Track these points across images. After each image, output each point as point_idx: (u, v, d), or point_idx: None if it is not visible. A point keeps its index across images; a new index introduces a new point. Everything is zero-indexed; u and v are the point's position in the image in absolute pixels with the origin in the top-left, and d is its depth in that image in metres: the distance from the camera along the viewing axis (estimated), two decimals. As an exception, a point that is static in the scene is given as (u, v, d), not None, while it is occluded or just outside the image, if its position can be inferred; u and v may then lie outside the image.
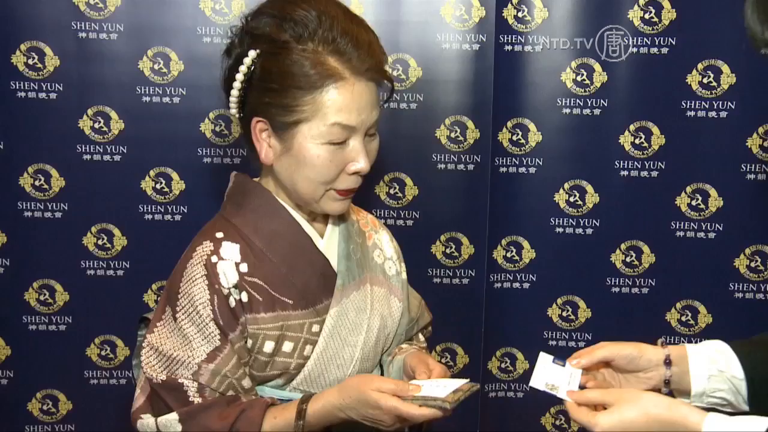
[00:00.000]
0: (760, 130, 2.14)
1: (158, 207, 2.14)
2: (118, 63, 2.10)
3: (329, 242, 1.61)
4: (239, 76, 1.46)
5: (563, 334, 2.29)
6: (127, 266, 2.17)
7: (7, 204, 2.10)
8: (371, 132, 1.50)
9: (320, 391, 1.54)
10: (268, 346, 1.49)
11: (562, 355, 1.73)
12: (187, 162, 2.15)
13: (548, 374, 1.38)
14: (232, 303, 1.45)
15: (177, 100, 2.12)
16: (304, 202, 1.53)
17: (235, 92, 1.47)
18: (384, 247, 1.73)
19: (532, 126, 2.20)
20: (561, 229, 2.25)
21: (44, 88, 2.08)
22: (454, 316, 2.18)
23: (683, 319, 2.24)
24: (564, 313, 2.29)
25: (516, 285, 2.29)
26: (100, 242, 2.13)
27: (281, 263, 1.52)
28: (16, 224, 2.12)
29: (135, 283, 2.18)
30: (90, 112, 2.09)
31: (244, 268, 1.47)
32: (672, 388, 1.43)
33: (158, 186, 2.13)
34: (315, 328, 1.54)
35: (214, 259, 1.46)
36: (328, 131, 1.43)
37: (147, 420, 1.45)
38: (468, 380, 1.40)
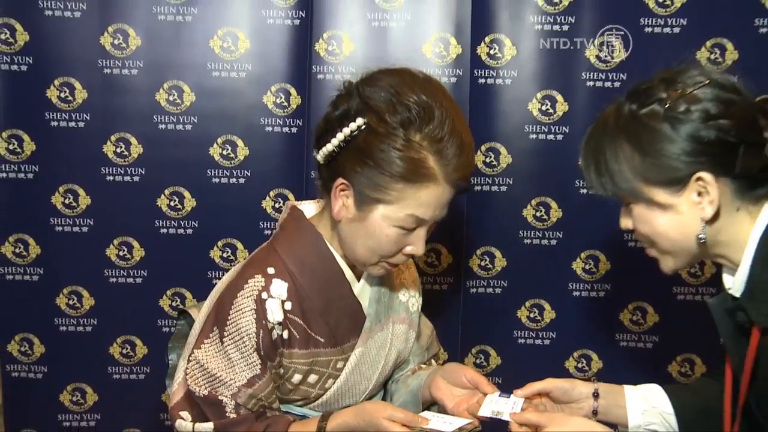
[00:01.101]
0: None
1: (172, 222, 2.30)
2: (137, 95, 2.25)
3: (363, 287, 1.64)
4: (340, 136, 1.45)
5: (531, 333, 2.40)
6: (145, 274, 2.32)
7: (42, 220, 2.26)
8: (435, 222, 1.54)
9: (335, 410, 1.60)
10: (296, 378, 1.57)
11: (528, 349, 2.08)
12: (197, 182, 2.29)
13: (494, 405, 1.50)
14: (274, 336, 1.51)
15: (189, 127, 2.26)
16: (355, 261, 1.57)
17: (330, 147, 1.47)
18: (410, 286, 1.78)
19: (503, 149, 2.31)
20: (529, 241, 2.35)
21: (74, 118, 2.23)
22: (435, 318, 2.20)
23: (634, 318, 2.35)
24: (531, 315, 2.39)
25: (489, 290, 2.39)
26: (121, 253, 2.29)
27: (319, 302, 1.56)
28: (49, 238, 2.27)
29: (152, 289, 2.32)
30: (113, 138, 2.25)
31: (288, 305, 1.53)
32: (600, 419, 1.57)
33: (172, 203, 2.28)
34: (340, 364, 1.61)
35: (264, 295, 1.51)
36: (404, 218, 1.46)
37: (186, 424, 1.51)
38: (471, 420, 1.49)
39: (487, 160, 2.31)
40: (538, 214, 2.35)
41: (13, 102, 2.23)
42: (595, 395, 1.57)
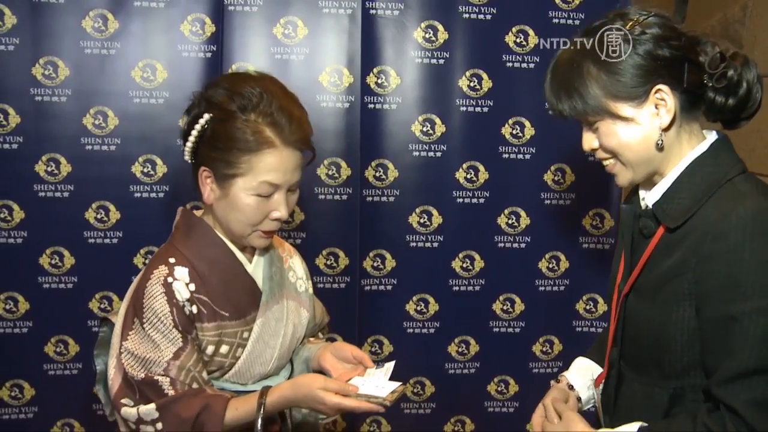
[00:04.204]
0: (553, 167, 2.62)
1: (99, 232, 2.47)
2: (66, 119, 2.43)
3: (256, 267, 1.82)
4: (194, 133, 1.68)
5: (418, 323, 2.66)
6: (75, 280, 2.49)
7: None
8: (293, 188, 1.72)
9: (246, 381, 1.78)
10: (210, 349, 1.72)
11: (416, 338, 2.32)
12: (121, 196, 2.48)
13: (370, 382, 1.70)
14: (187, 312, 1.67)
15: (113, 148, 2.46)
16: (235, 237, 1.75)
17: (189, 144, 1.70)
18: (296, 269, 1.96)
19: (390, 165, 2.58)
20: (414, 244, 2.61)
21: (8, 141, 2.41)
22: (335, 313, 2.39)
23: (504, 308, 2.67)
24: (418, 308, 2.66)
25: (381, 287, 2.64)
26: (53, 262, 2.46)
27: (219, 283, 1.72)
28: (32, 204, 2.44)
29: (82, 294, 2.50)
30: (44, 158, 2.43)
31: (192, 287, 1.69)
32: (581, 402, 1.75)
33: (99, 216, 2.48)
34: (245, 334, 1.76)
35: (169, 279, 1.67)
36: (258, 186, 1.64)
37: (130, 410, 1.63)
38: (399, 384, 1.66)
39: (377, 174, 2.60)
40: (421, 220, 2.62)
41: (-50, 127, 2.40)
42: (570, 387, 1.78)
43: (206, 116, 1.66)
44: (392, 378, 1.71)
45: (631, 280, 1.58)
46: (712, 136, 1.53)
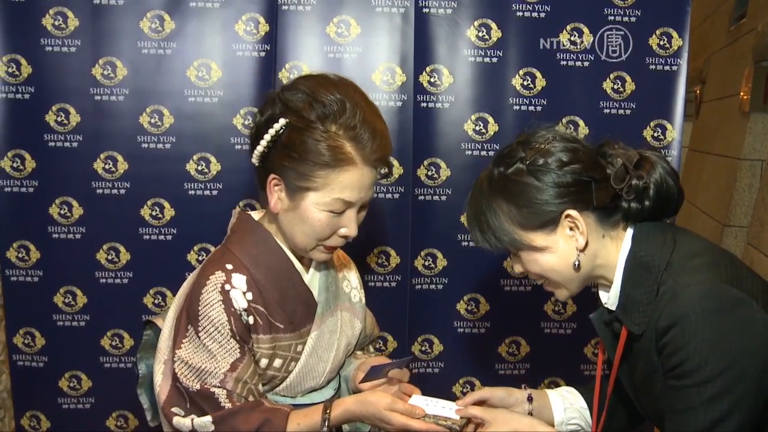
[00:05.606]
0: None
1: (154, 229, 2.57)
2: (123, 118, 2.52)
3: (312, 277, 1.79)
4: (267, 137, 1.60)
5: (468, 323, 2.68)
6: (131, 276, 2.59)
7: (40, 229, 2.54)
8: (365, 205, 1.69)
9: (295, 395, 1.77)
10: (263, 363, 1.69)
11: (466, 337, 2.30)
12: (176, 194, 2.55)
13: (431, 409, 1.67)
14: (244, 321, 1.64)
15: (168, 146, 2.54)
16: (297, 248, 1.71)
17: (260, 148, 1.61)
18: (351, 279, 1.94)
19: (442, 164, 2.59)
20: (466, 243, 2.61)
21: (68, 139, 2.52)
22: (385, 312, 2.47)
23: (555, 309, 2.68)
24: (469, 307, 2.68)
25: (432, 287, 2.65)
26: (109, 257, 2.57)
27: (275, 292, 1.69)
28: (47, 244, 2.55)
29: (137, 289, 2.58)
30: (102, 156, 2.53)
31: (249, 296, 1.65)
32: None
33: (154, 213, 2.56)
34: (299, 348, 1.74)
35: (227, 287, 1.63)
36: (332, 202, 1.59)
37: (182, 420, 1.60)
38: (459, 408, 1.65)
39: (429, 173, 2.62)
40: (473, 220, 2.67)
41: (16, 126, 2.52)
42: (530, 399, 1.80)
43: (282, 121, 1.59)
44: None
45: (612, 379, 1.67)
46: (629, 230, 1.58)
